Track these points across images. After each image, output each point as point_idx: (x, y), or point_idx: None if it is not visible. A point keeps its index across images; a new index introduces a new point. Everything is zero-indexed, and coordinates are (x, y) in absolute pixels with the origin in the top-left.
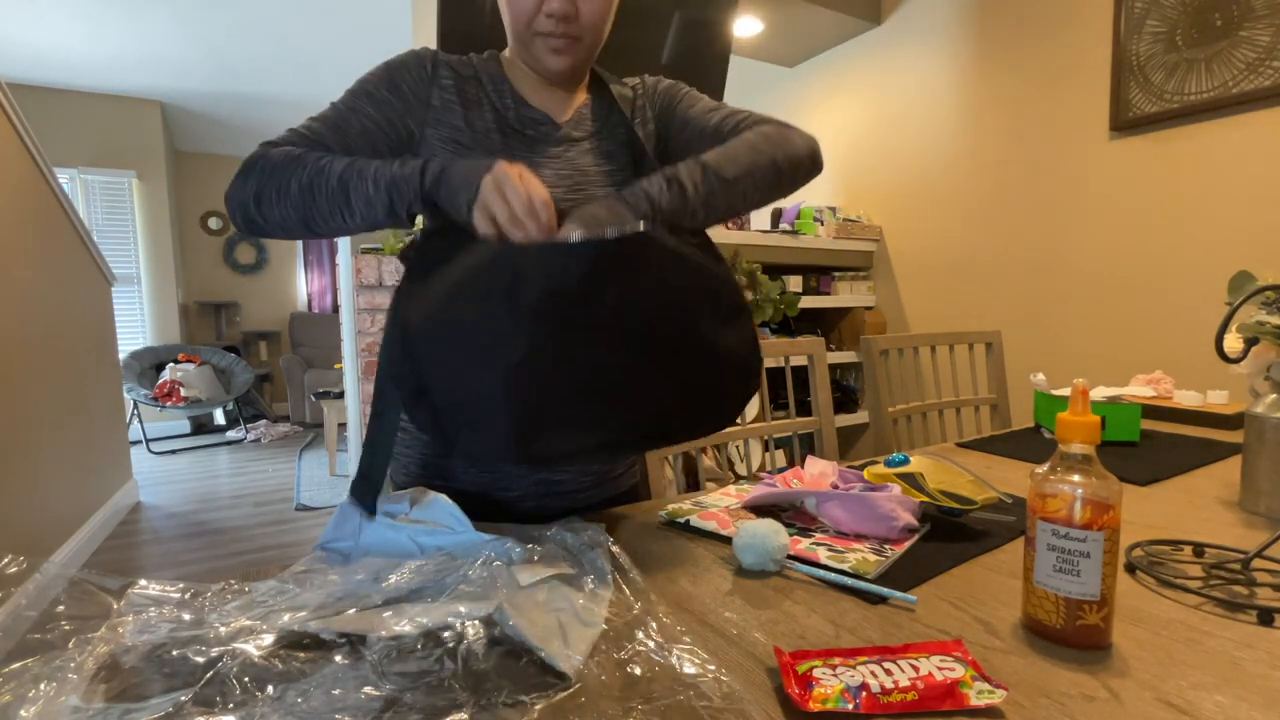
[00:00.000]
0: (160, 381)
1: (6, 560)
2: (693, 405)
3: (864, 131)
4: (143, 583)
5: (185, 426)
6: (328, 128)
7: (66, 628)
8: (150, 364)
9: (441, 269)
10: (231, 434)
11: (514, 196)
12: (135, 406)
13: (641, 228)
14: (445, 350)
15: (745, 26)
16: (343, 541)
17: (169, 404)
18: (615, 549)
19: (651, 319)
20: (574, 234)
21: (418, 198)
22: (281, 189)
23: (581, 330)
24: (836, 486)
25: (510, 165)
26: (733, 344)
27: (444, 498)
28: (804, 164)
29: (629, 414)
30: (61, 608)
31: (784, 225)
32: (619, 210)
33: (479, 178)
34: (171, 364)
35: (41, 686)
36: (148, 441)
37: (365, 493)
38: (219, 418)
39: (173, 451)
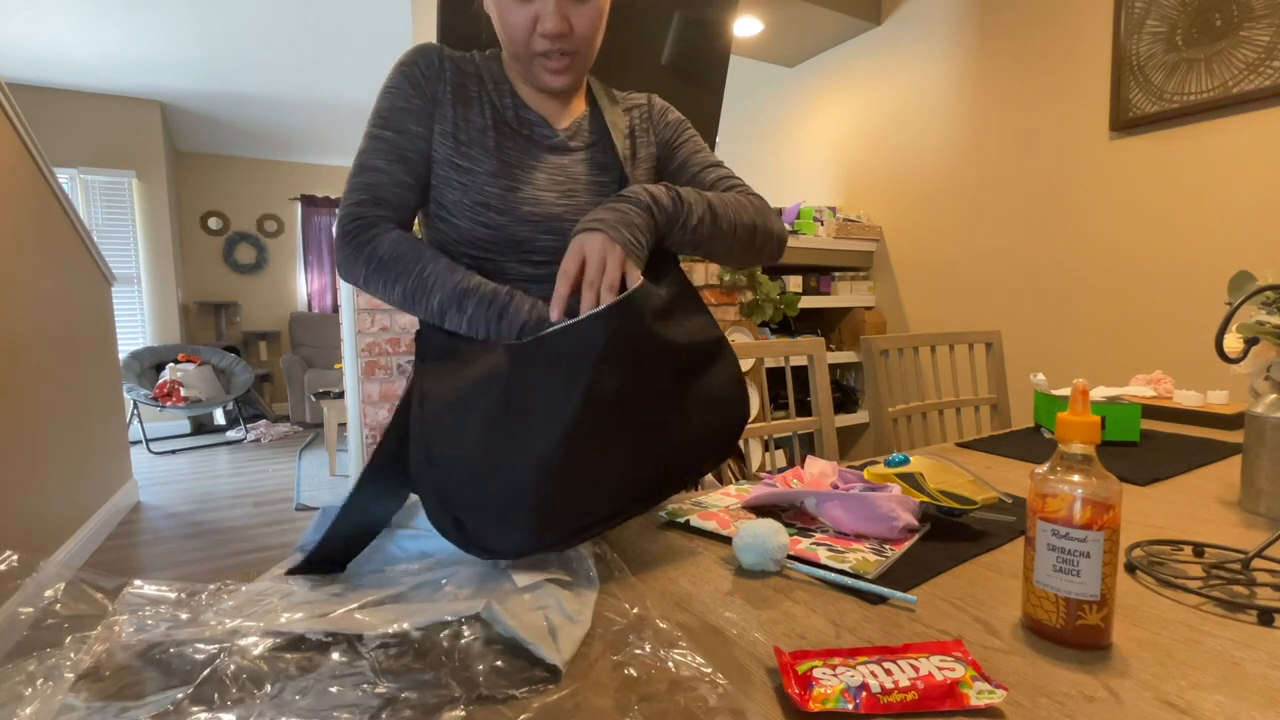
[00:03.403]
0: (160, 381)
1: (3, 556)
2: (687, 456)
3: (864, 131)
4: (138, 583)
5: (185, 426)
6: (394, 163)
7: (63, 627)
8: (150, 364)
9: (450, 374)
10: (231, 434)
11: None
12: (135, 406)
13: (633, 289)
14: (467, 455)
15: (745, 26)
16: None
17: (169, 404)
18: (611, 553)
19: (650, 380)
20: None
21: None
22: (386, 286)
23: (587, 410)
24: (836, 486)
25: None
26: (720, 380)
27: None
28: (772, 243)
29: (633, 480)
30: (58, 607)
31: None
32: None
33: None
34: (171, 364)
35: (38, 685)
36: (148, 441)
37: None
38: (219, 418)
39: (173, 451)
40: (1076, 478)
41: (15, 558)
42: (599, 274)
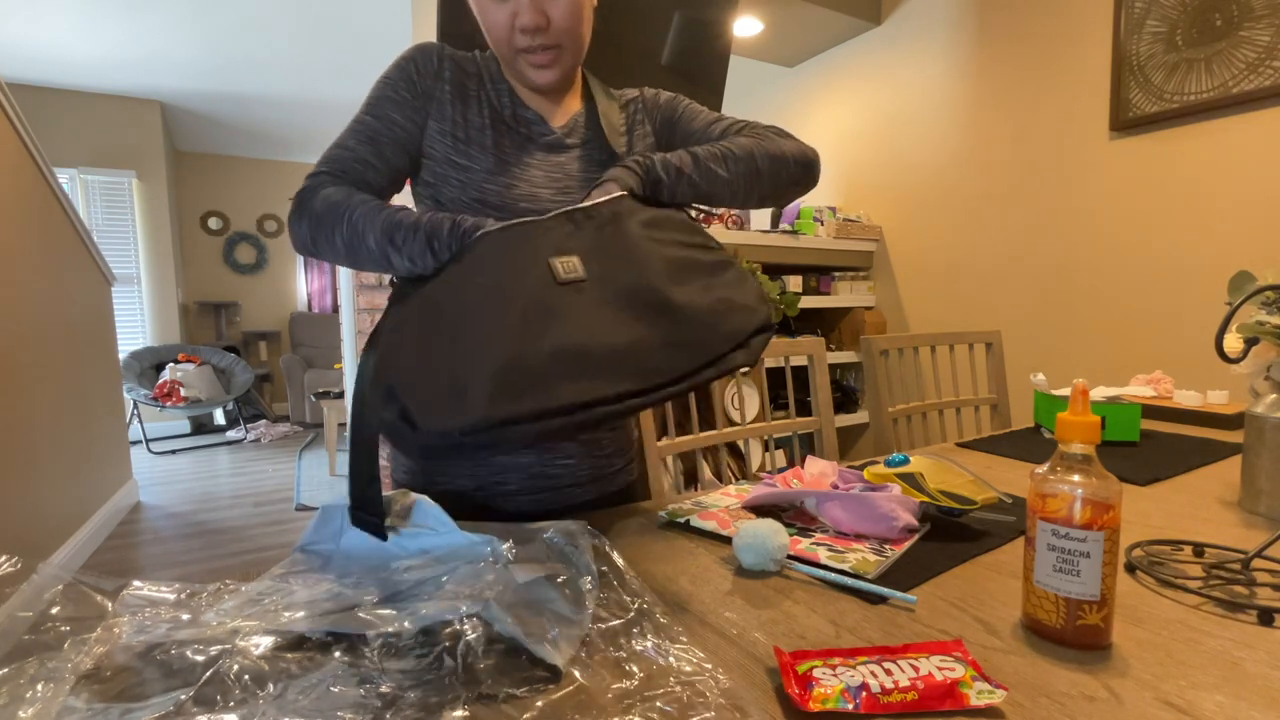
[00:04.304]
0: (160, 381)
1: (2, 560)
2: (692, 348)
3: (864, 131)
4: (137, 584)
5: (185, 426)
6: (363, 143)
7: (63, 629)
8: (150, 364)
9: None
10: (231, 434)
11: None
12: (135, 406)
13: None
14: (421, 338)
15: (745, 26)
16: (323, 544)
17: (169, 404)
18: (612, 552)
19: (629, 273)
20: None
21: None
22: (329, 240)
23: (557, 291)
24: (836, 486)
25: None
26: (730, 286)
27: (426, 499)
28: (788, 165)
29: (615, 367)
30: (56, 609)
31: (784, 225)
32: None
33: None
34: (171, 364)
35: (39, 687)
36: (148, 441)
37: (368, 517)
38: (219, 418)
39: (173, 451)
40: (1076, 478)
41: (17, 561)
42: None
